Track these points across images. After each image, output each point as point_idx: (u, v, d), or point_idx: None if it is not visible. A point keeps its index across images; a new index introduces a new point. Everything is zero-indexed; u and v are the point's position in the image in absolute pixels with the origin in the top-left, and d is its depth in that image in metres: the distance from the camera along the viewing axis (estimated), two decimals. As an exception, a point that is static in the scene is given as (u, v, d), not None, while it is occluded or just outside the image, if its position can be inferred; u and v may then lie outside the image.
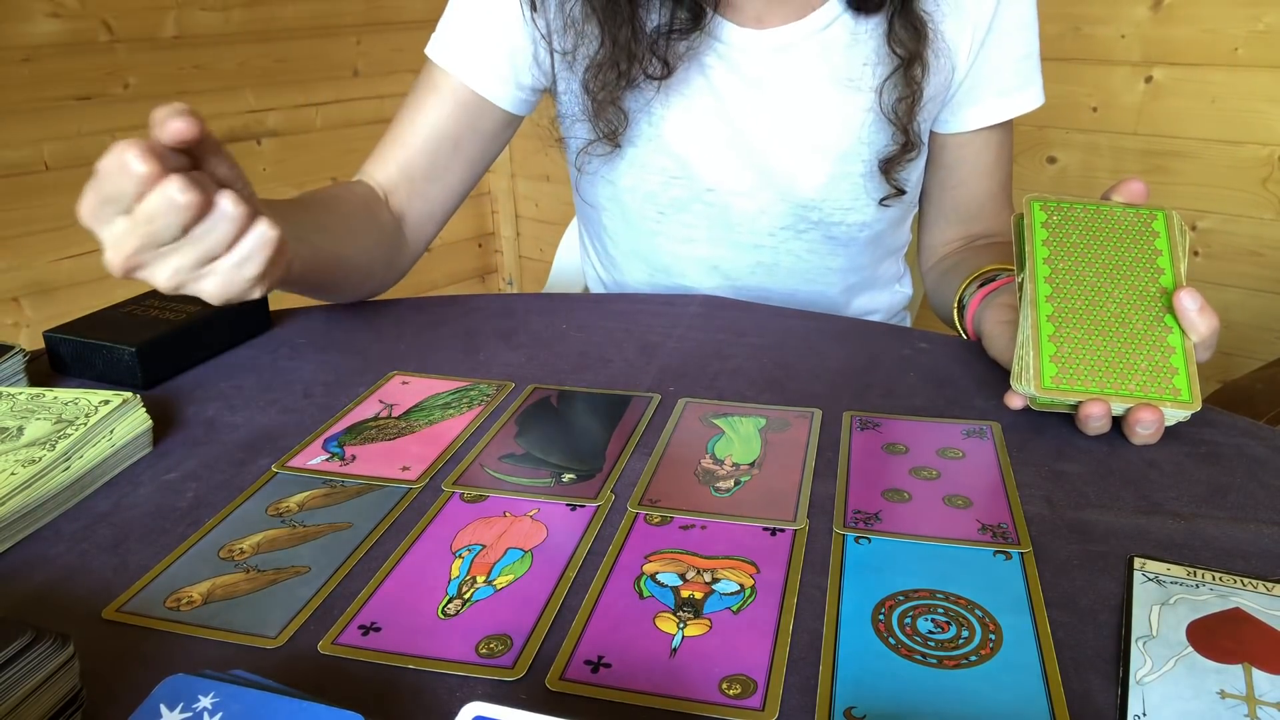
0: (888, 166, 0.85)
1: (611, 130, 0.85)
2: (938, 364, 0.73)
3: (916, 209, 0.99)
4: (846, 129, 0.85)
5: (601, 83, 0.83)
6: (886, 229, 0.93)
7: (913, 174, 0.89)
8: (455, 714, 0.33)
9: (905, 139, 0.84)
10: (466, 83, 0.86)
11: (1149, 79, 1.77)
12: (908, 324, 1.10)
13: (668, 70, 0.82)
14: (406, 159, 0.88)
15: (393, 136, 0.89)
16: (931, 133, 0.91)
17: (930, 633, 0.44)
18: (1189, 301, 0.60)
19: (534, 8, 0.84)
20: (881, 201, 0.88)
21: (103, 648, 0.45)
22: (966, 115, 0.88)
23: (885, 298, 1.02)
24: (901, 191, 0.87)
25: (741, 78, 0.85)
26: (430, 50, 0.87)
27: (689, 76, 0.86)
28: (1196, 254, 1.82)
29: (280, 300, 0.83)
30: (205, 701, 0.36)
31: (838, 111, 0.85)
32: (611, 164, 0.91)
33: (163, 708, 0.36)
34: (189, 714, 0.36)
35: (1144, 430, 0.59)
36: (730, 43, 0.85)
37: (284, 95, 2.07)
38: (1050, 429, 0.63)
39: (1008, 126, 0.91)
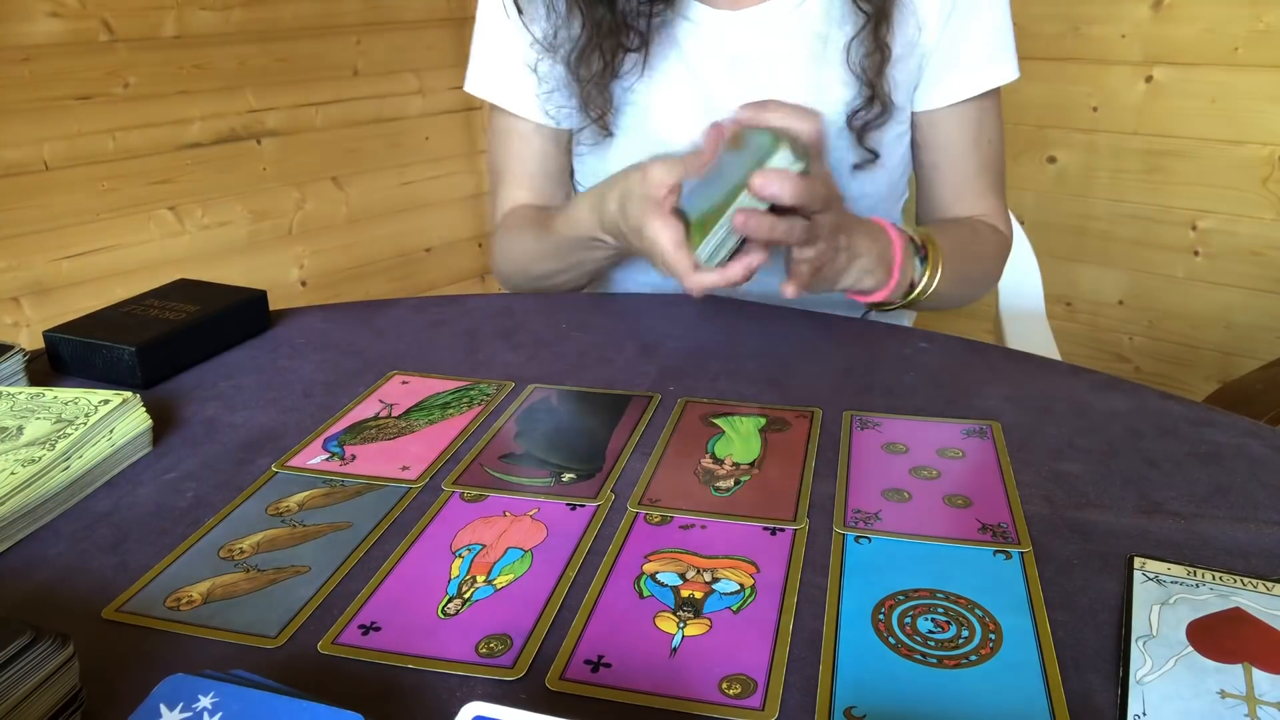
0: (860, 129, 0.86)
1: (600, 115, 0.88)
2: (938, 364, 0.73)
3: (905, 195, 0.99)
4: (824, 101, 0.86)
5: (588, 70, 0.86)
6: (874, 205, 0.93)
7: (888, 140, 0.90)
8: (455, 714, 0.33)
9: (872, 94, 0.84)
10: (515, 110, 0.94)
11: (1149, 79, 1.77)
12: (905, 323, 1.10)
13: (642, 41, 0.85)
14: (525, 179, 0.97)
15: (503, 173, 0.99)
16: (911, 114, 0.92)
17: (930, 632, 0.44)
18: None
19: (520, 11, 0.89)
20: (856, 167, 0.88)
21: (103, 648, 0.45)
22: (939, 91, 0.89)
23: None
24: (874, 154, 0.88)
25: (721, 61, 0.87)
26: (470, 87, 0.97)
27: (670, 65, 0.88)
28: (1196, 254, 1.82)
29: (280, 300, 0.83)
30: (205, 701, 0.36)
31: (815, 84, 0.86)
32: (603, 158, 0.93)
33: (163, 708, 0.36)
34: (189, 714, 0.36)
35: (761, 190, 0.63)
36: (708, 25, 0.87)
37: (284, 95, 2.07)
38: (1050, 429, 0.63)
39: (986, 105, 0.91)
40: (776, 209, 0.66)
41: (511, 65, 0.92)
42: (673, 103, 0.88)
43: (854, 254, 0.74)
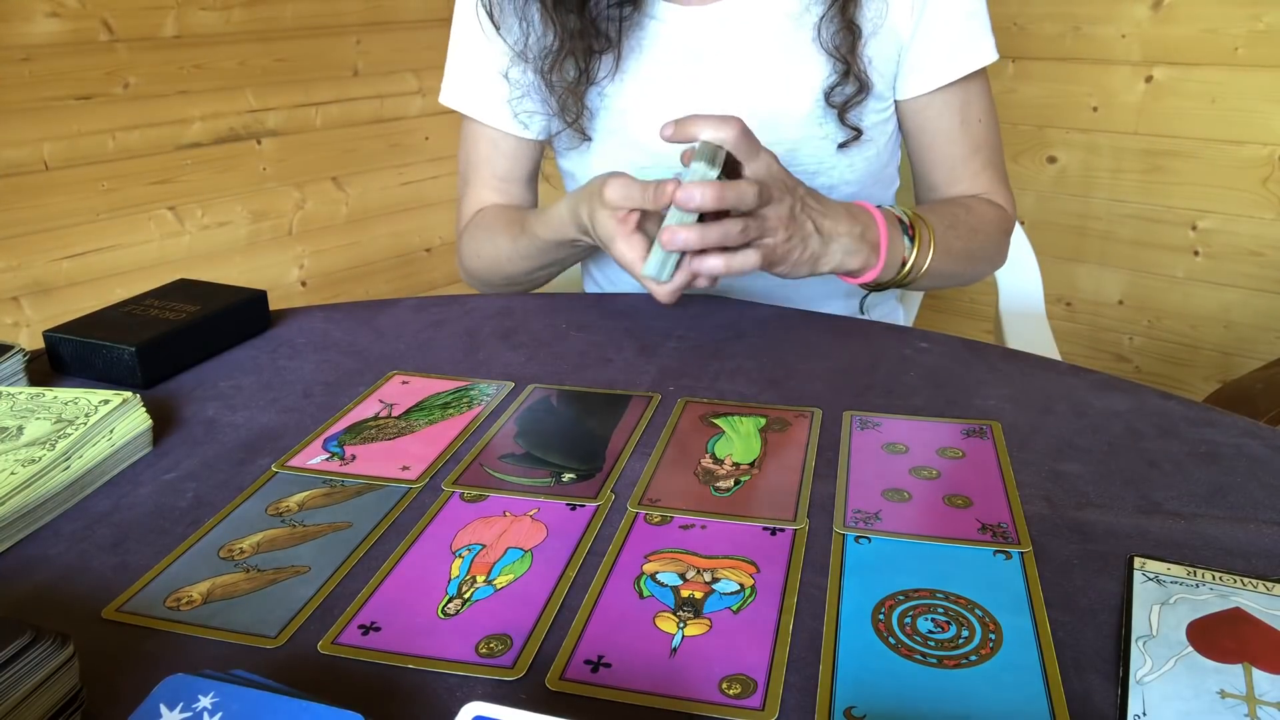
0: (840, 106, 0.87)
1: (575, 119, 0.89)
2: (938, 364, 0.73)
3: (897, 183, 0.99)
4: (802, 91, 0.86)
5: (562, 77, 0.87)
6: (862, 188, 0.93)
7: (871, 120, 0.90)
8: (455, 714, 0.33)
9: (847, 69, 0.85)
10: (489, 122, 0.96)
11: (1149, 79, 1.77)
12: (900, 313, 1.10)
13: (611, 44, 0.86)
14: (494, 181, 0.99)
15: (472, 177, 1.01)
16: (898, 103, 0.92)
17: (930, 632, 0.44)
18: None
19: (496, 27, 0.90)
20: (841, 146, 0.89)
21: (103, 648, 0.45)
22: (920, 78, 0.89)
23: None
24: (857, 131, 0.88)
25: (693, 57, 0.88)
26: (443, 99, 0.98)
27: (643, 65, 0.89)
28: (1196, 254, 1.82)
29: (280, 300, 0.83)
30: (205, 701, 0.36)
31: (789, 69, 0.86)
32: (584, 161, 0.94)
33: (163, 708, 0.36)
34: (189, 714, 0.36)
35: (684, 201, 0.66)
36: (677, 23, 0.88)
37: (284, 95, 2.07)
38: (1050, 429, 0.63)
39: (971, 87, 0.91)
40: (717, 215, 0.69)
41: (486, 77, 0.94)
42: (648, 103, 0.89)
43: (828, 236, 0.76)
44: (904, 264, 0.81)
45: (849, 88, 0.86)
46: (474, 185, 1.01)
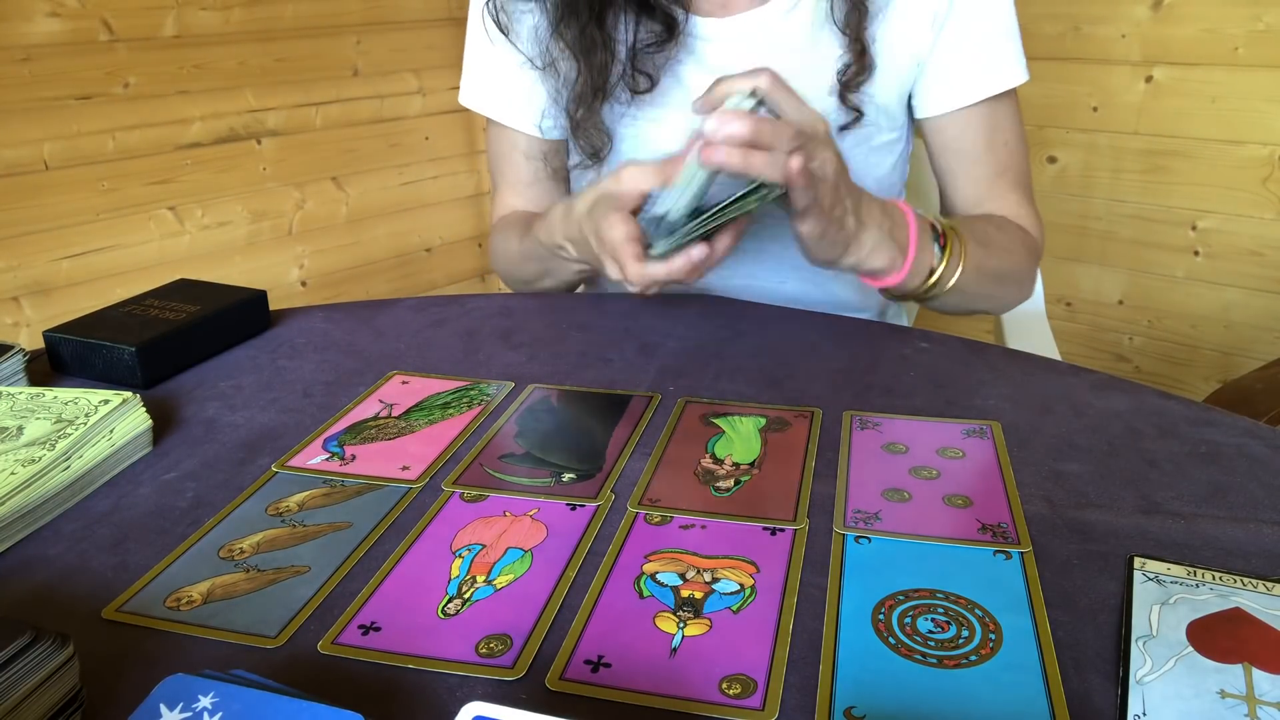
0: (844, 84, 0.85)
1: (594, 149, 0.88)
2: (938, 364, 0.73)
3: (903, 197, 0.99)
4: (817, 101, 0.85)
5: (581, 106, 0.86)
6: (861, 176, 0.92)
7: (879, 138, 0.89)
8: (455, 714, 0.33)
9: (860, 47, 0.83)
10: (506, 123, 0.95)
11: (1149, 79, 1.77)
12: (900, 314, 1.10)
13: (652, 84, 0.85)
14: (518, 185, 0.99)
15: (499, 180, 1.01)
16: (919, 121, 0.91)
17: (930, 632, 0.44)
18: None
19: (505, 33, 0.89)
20: (842, 128, 0.87)
21: (103, 648, 0.45)
22: (941, 96, 0.88)
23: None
24: (859, 112, 0.86)
25: (714, 74, 0.86)
26: (462, 98, 0.97)
27: (665, 85, 0.87)
28: (1196, 254, 1.82)
29: (280, 300, 0.83)
30: (205, 701, 0.36)
31: (809, 85, 0.85)
32: (596, 169, 0.93)
33: (163, 707, 0.36)
34: (189, 714, 0.36)
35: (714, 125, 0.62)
36: (700, 36, 0.86)
37: (284, 95, 2.07)
38: (1050, 429, 0.63)
39: (999, 108, 0.89)
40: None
41: (501, 79, 0.93)
42: (672, 128, 0.87)
43: (862, 222, 0.71)
44: (931, 273, 0.77)
45: (852, 65, 0.84)
46: (500, 189, 1.01)
